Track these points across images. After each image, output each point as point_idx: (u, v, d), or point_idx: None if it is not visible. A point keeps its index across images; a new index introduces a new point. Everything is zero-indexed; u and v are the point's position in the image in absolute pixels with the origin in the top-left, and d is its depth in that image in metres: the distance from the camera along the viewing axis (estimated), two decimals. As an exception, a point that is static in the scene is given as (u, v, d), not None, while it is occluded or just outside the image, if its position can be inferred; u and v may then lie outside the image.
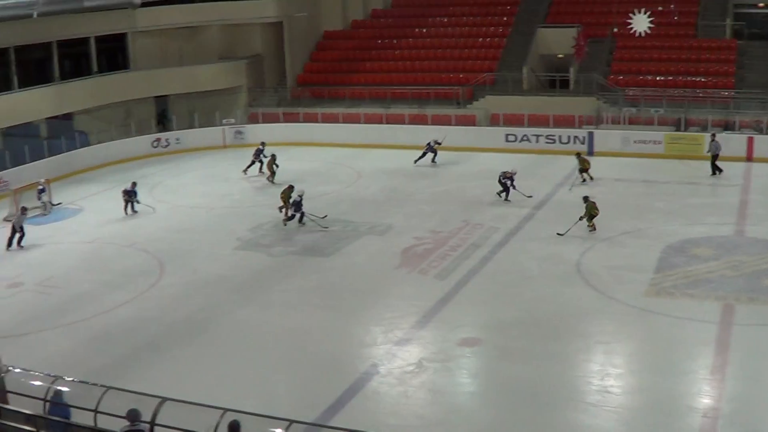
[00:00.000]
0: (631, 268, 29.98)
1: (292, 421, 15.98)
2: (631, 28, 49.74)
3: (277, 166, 44.15)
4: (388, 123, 53.94)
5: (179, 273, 30.63)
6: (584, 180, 42.27)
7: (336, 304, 27.03)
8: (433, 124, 53.18)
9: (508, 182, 39.18)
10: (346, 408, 20.24)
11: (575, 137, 50.50)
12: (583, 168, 42.41)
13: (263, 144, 46.79)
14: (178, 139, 53.84)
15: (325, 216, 35.83)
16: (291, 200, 35.54)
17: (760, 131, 48.74)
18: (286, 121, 55.50)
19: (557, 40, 57.75)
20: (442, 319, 25.53)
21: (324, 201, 38.99)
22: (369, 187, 42.10)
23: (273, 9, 59.53)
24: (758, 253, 31.25)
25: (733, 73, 54.31)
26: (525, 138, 51.18)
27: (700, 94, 52.50)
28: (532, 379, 21.70)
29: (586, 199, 34.42)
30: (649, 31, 49.74)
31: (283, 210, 35.57)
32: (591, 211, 33.90)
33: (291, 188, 36.63)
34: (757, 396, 21.04)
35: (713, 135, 44.92)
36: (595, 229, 33.84)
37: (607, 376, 21.96)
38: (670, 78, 54.50)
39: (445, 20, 63.74)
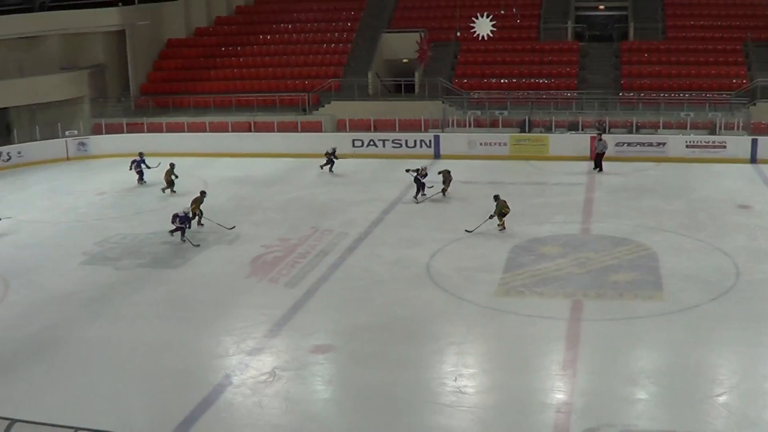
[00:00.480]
0: (481, 269, 30.39)
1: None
2: (474, 32, 50.30)
3: (176, 176, 43.25)
4: (233, 131, 53.63)
5: (25, 290, 29.79)
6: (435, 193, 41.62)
7: (186, 316, 26.68)
8: (279, 131, 53.09)
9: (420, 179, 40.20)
10: (201, 420, 19.99)
11: (422, 141, 51.19)
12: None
13: (141, 154, 46.04)
14: (20, 153, 52.38)
15: (233, 227, 35.63)
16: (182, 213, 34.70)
17: (603, 130, 49.93)
18: (131, 131, 54.77)
19: (401, 44, 58.44)
20: (293, 327, 25.47)
21: (171, 211, 38.42)
22: (216, 197, 41.72)
23: (115, 17, 58.77)
24: (604, 249, 32.03)
25: (576, 75, 55.83)
26: (372, 143, 51.61)
27: (544, 96, 53.77)
28: (387, 383, 21.79)
29: (497, 198, 34.85)
30: (491, 35, 50.37)
31: (177, 222, 34.56)
32: (501, 209, 34.37)
33: (203, 194, 36.82)
34: (608, 389, 21.52)
35: (599, 135, 47.30)
36: (504, 227, 34.55)
37: (461, 376, 22.18)
38: (514, 80, 55.77)
39: (290, 26, 63.96)
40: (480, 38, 50.27)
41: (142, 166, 45.11)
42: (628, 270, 29.88)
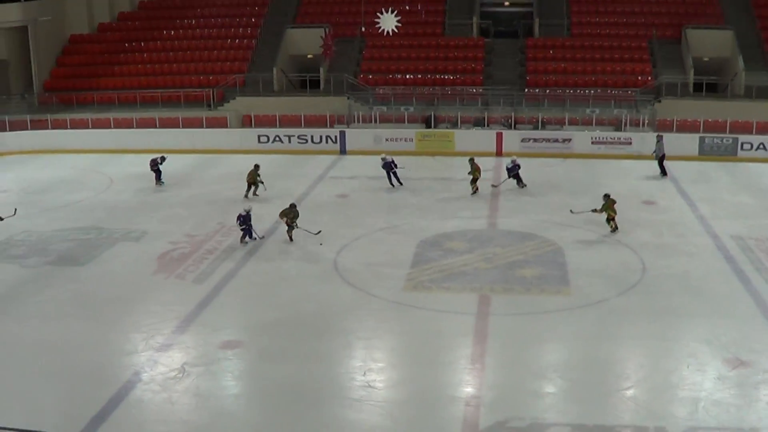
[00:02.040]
0: (388, 264, 30.44)
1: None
2: (379, 28, 50.46)
3: (261, 181, 40.88)
4: (138, 127, 53.01)
5: (-73, 290, 29.23)
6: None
7: (94, 314, 26.24)
8: (184, 127, 52.66)
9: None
10: (111, 418, 19.72)
11: (327, 137, 51.22)
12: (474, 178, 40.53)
13: (164, 158, 44.36)
14: None
15: (319, 232, 33.65)
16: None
17: (509, 126, 50.39)
18: (34, 128, 53.52)
19: (306, 40, 58.35)
20: (202, 323, 25.25)
21: (77, 209, 38.08)
22: (122, 193, 41.32)
23: (17, 13, 57.78)
24: (510, 244, 32.30)
25: (482, 71, 56.27)
26: (277, 139, 51.45)
27: (449, 92, 54.00)
28: (297, 379, 21.70)
29: (606, 196, 34.21)
30: (396, 30, 50.60)
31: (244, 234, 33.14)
32: (608, 211, 33.78)
33: (293, 207, 34.27)
34: (516, 383, 21.72)
35: (659, 136, 44.84)
36: (616, 229, 33.80)
37: (370, 371, 22.17)
38: (420, 76, 55.99)
39: (193, 22, 63.46)
40: (385, 34, 50.53)
41: (159, 166, 43.75)
42: (535, 265, 30.14)
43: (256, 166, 40.66)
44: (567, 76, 55.32)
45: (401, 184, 41.16)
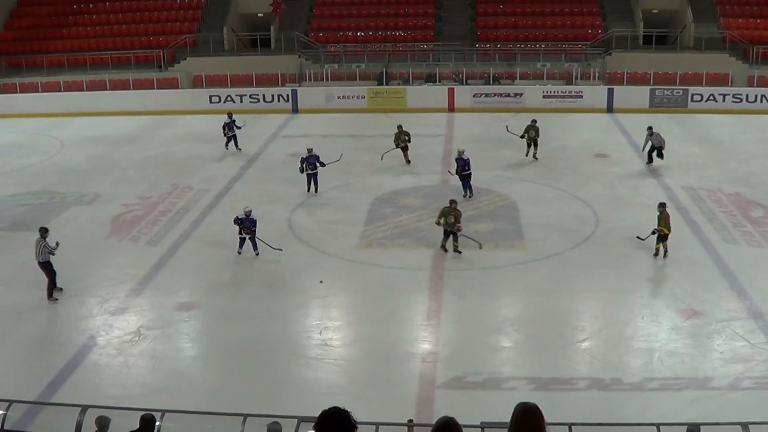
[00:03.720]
0: (342, 222, 30.52)
1: (11, 401, 15.53)
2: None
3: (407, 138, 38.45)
4: (88, 90, 52.52)
5: None
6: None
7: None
8: (135, 88, 52.27)
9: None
10: (67, 383, 19.70)
11: (279, 95, 50.98)
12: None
13: (230, 115, 41.96)
14: None
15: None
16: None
17: (460, 82, 50.40)
18: (-18, 92, 53.05)
19: (256, -2, 57.83)
20: (157, 285, 25.19)
21: (28, 173, 37.74)
22: (74, 157, 40.96)
23: (-38, -24, 56.94)
24: (464, 200, 32.30)
25: (433, 27, 56.11)
26: (229, 99, 51.12)
27: (401, 48, 53.85)
28: (253, 339, 21.75)
29: (662, 206, 27.25)
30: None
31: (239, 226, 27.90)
32: (662, 227, 26.65)
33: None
34: (472, 338, 21.95)
35: (650, 128, 37.33)
36: (665, 252, 26.81)
37: (326, 329, 22.25)
38: (371, 33, 55.71)
39: (143, -18, 62.60)
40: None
41: (235, 128, 41.07)
42: (489, 220, 30.27)
43: (400, 128, 38.38)
44: (517, 31, 55.23)
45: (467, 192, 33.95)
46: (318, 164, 33.58)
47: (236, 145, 41.10)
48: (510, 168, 36.98)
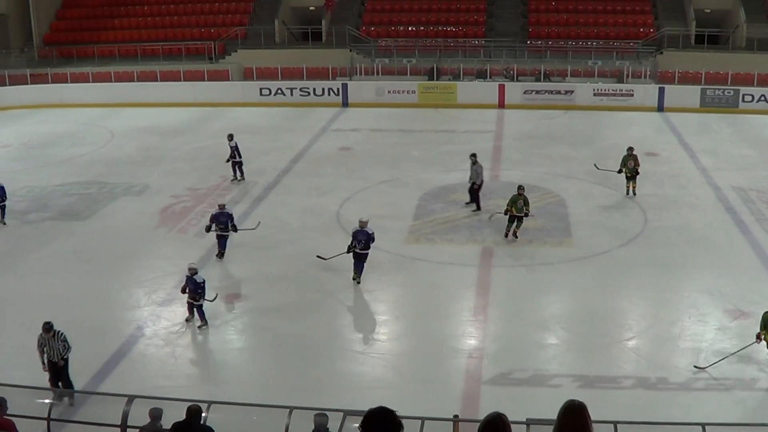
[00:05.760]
0: (391, 217, 30.43)
1: (59, 391, 15.64)
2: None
3: None
4: (139, 81, 52.84)
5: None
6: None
7: (96, 268, 26.29)
8: (186, 80, 52.52)
9: None
10: (113, 373, 19.82)
11: (330, 89, 51.13)
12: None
13: (231, 137, 35.89)
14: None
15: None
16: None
17: (511, 78, 50.30)
18: (34, 82, 53.24)
19: (308, -8, 57.94)
20: (205, 277, 25.14)
21: (78, 163, 38.03)
22: (123, 147, 41.23)
23: (15, -33, 57.35)
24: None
25: (484, 23, 56.04)
26: (279, 91, 51.31)
27: (452, 44, 53.77)
28: (299, 332, 21.79)
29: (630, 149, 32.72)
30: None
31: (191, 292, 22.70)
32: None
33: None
34: (519, 334, 21.91)
35: (474, 158, 31.71)
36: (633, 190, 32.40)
37: (373, 323, 22.26)
38: (422, 28, 55.73)
39: (194, -26, 62.84)
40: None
41: (236, 153, 35.42)
42: (538, 217, 30.10)
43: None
44: (569, 28, 55.03)
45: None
46: (230, 226, 27.05)
47: (241, 174, 35.58)
48: (559, 165, 36.83)
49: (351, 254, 24.85)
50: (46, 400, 16.02)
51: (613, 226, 29.37)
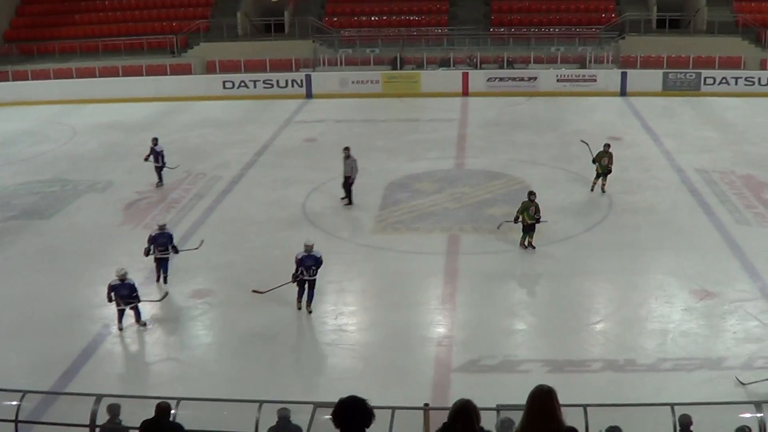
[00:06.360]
0: (357, 207, 30.47)
1: (25, 392, 15.55)
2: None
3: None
4: (101, 76, 52.49)
5: None
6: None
7: (61, 267, 26.16)
8: (148, 74, 52.23)
9: None
10: (81, 372, 19.68)
11: (293, 81, 51.06)
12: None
13: (156, 140, 34.43)
14: None
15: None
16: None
17: (474, 66, 50.38)
18: (-5, 80, 53.05)
19: (269, -16, 57.73)
20: (171, 272, 25.09)
21: (40, 161, 37.76)
22: (86, 144, 40.96)
23: (-28, -38, 56.87)
24: (478, 184, 32.40)
25: (447, 11, 56.14)
26: (243, 84, 51.19)
27: (415, 33, 53.80)
28: (268, 325, 21.71)
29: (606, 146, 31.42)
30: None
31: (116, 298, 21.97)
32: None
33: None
34: (487, 321, 21.99)
35: (347, 151, 31.02)
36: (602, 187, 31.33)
37: (341, 314, 22.23)
38: (385, 18, 55.64)
39: (155, -32, 62.46)
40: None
41: (160, 158, 34.05)
42: (503, 203, 30.16)
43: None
44: (531, 15, 55.15)
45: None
46: (171, 248, 24.75)
47: (160, 179, 34.01)
48: (523, 151, 36.93)
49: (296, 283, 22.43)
50: (14, 402, 15.88)
51: (578, 211, 29.50)
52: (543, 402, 7.56)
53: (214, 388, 18.07)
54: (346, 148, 30.91)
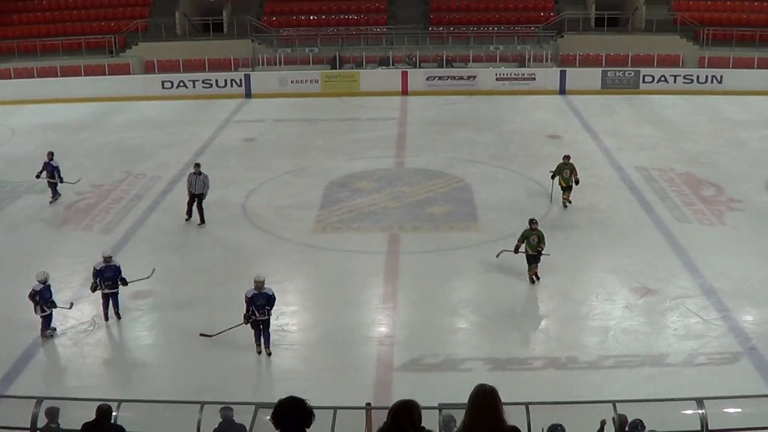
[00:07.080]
0: (297, 207, 30.49)
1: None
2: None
3: None
4: (39, 77, 51.96)
5: None
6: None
7: (0, 269, 25.86)
8: (86, 75, 51.80)
9: None
10: (22, 375, 19.53)
11: (232, 80, 50.91)
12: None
13: (51, 155, 32.40)
14: None
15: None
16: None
17: (413, 65, 50.50)
18: (-70, 82, 52.32)
19: (208, -17, 57.47)
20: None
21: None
22: (25, 145, 40.54)
23: None
24: (418, 183, 32.50)
25: (385, 10, 56.22)
26: (182, 84, 50.92)
27: (354, 32, 53.77)
28: (209, 327, 21.53)
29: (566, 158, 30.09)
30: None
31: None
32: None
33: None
34: (429, 320, 22.10)
35: (197, 168, 29.73)
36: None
37: (282, 314, 22.14)
38: (323, 17, 55.63)
39: (92, -33, 61.93)
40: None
41: (56, 173, 32.28)
42: (443, 202, 30.35)
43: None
44: (470, 14, 55.40)
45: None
46: (119, 281, 22.51)
47: (53, 194, 32.29)
48: (463, 150, 37.08)
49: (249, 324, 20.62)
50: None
51: (518, 209, 29.57)
52: (485, 401, 7.61)
53: (155, 390, 18.03)
54: (197, 165, 29.65)
